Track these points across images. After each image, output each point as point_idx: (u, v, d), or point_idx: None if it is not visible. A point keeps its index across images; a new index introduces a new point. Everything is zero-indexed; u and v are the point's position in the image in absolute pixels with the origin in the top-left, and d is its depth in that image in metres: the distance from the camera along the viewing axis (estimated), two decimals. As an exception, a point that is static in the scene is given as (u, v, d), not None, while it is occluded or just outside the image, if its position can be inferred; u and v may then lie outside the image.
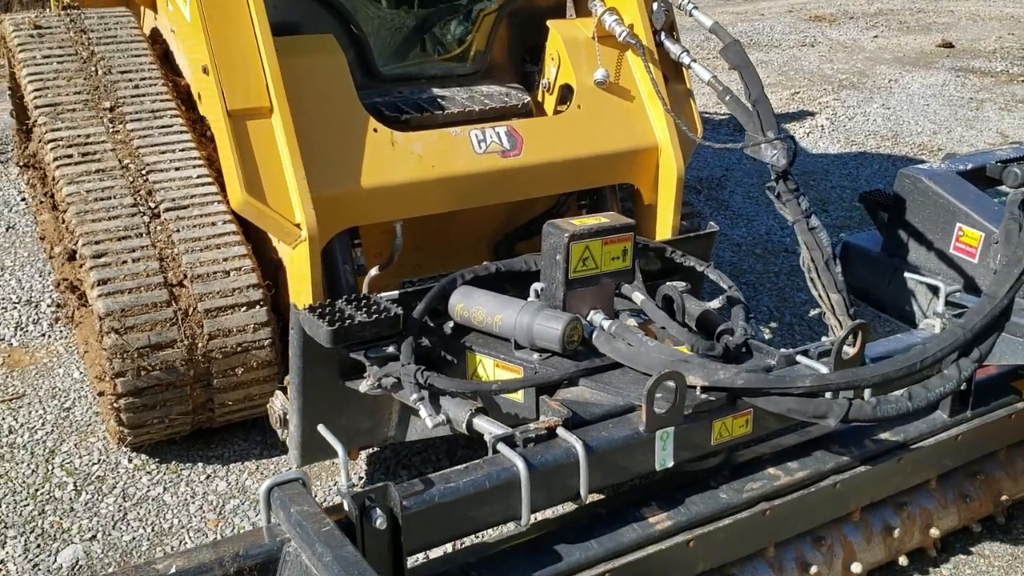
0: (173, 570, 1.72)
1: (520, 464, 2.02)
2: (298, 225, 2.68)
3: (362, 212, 2.85)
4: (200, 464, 3.21)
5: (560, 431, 2.17)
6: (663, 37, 3.33)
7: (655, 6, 3.31)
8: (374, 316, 2.45)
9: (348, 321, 2.41)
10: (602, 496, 2.49)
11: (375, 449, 3.23)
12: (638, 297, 2.69)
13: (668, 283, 2.84)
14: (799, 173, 6.13)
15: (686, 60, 3.29)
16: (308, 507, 1.82)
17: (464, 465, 2.07)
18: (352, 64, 3.20)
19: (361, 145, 2.83)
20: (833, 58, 9.04)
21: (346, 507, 1.86)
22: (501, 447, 2.09)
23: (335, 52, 2.91)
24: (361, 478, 3.17)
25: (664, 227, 3.36)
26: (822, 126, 7.06)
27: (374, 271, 3.09)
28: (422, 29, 3.50)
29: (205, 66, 2.70)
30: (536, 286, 2.68)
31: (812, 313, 4.52)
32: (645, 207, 3.41)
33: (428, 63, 3.44)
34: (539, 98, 3.50)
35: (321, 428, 2.03)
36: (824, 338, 2.71)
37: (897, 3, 11.94)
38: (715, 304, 3.18)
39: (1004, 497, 2.92)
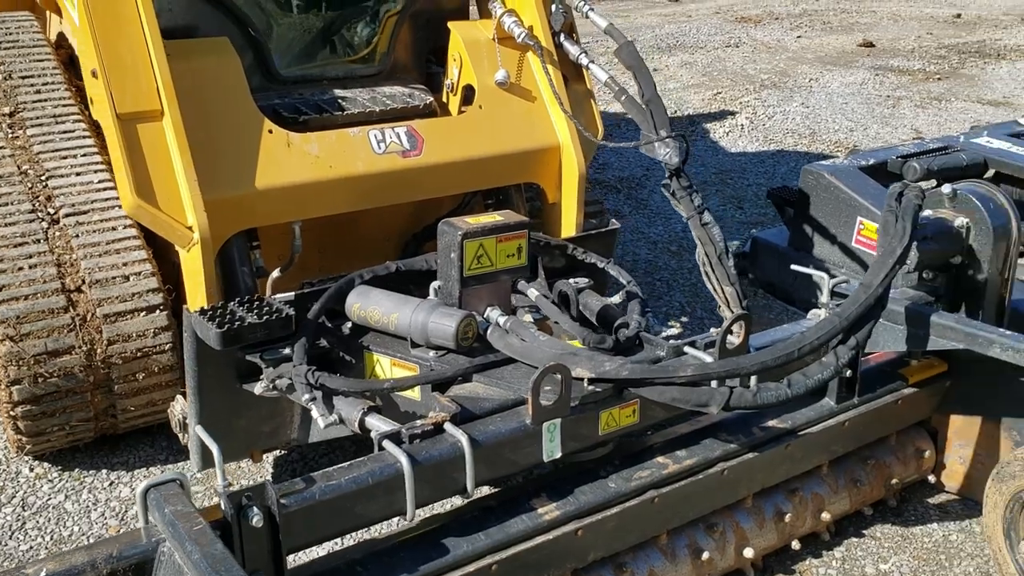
0: (43, 573, 1.72)
1: (404, 460, 2.05)
2: (190, 228, 2.68)
3: (257, 214, 2.85)
4: (104, 471, 3.18)
5: (447, 426, 2.19)
6: (562, 39, 3.38)
7: (553, 8, 3.36)
8: (265, 318, 2.46)
9: (238, 323, 2.41)
10: (496, 489, 2.52)
11: (282, 452, 3.23)
12: (533, 293, 2.73)
13: (568, 280, 2.89)
14: (717, 171, 6.26)
15: (584, 61, 3.35)
16: (182, 507, 1.83)
17: (348, 463, 2.09)
18: (250, 67, 3.20)
19: (255, 147, 2.83)
20: (756, 58, 9.22)
21: (222, 507, 1.86)
22: (386, 444, 2.11)
23: (229, 55, 2.91)
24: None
25: (568, 224, 3.41)
26: (742, 125, 7.20)
27: (276, 273, 3.10)
28: (326, 31, 3.51)
29: (94, 69, 2.69)
30: (435, 284, 2.71)
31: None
32: (550, 205, 3.46)
33: (330, 64, 3.45)
34: (444, 99, 3.52)
35: (199, 430, 2.03)
36: (712, 329, 2.78)
37: (822, 4, 12.22)
38: (616, 299, 3.24)
39: (895, 481, 3.02)
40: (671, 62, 8.91)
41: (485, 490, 2.51)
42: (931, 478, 3.14)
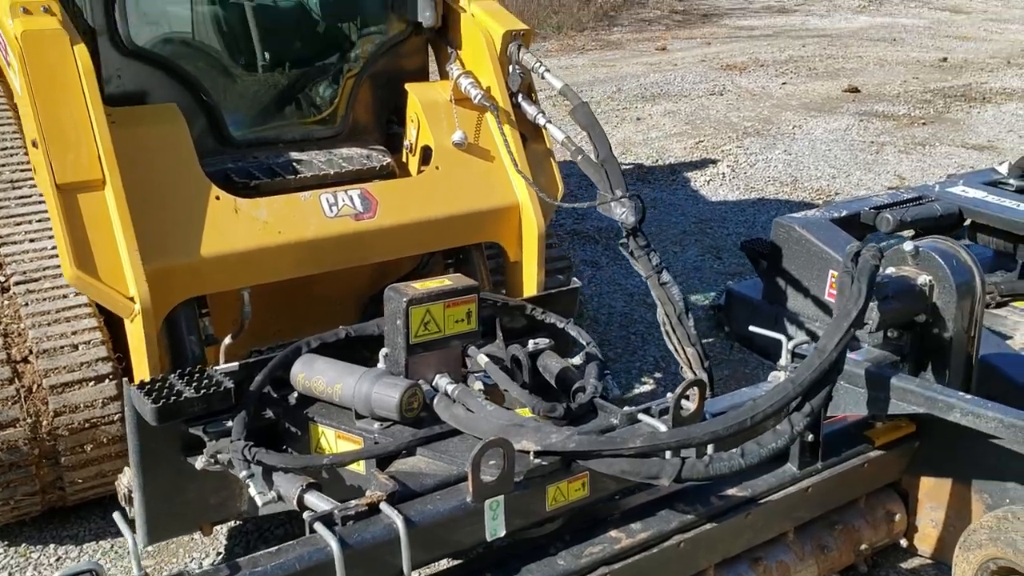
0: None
1: (334, 545, 1.97)
2: (132, 298, 2.62)
3: (203, 282, 2.80)
4: (52, 545, 3.09)
5: (383, 506, 2.12)
6: (520, 99, 3.36)
7: (511, 69, 3.33)
8: (203, 391, 2.39)
9: (175, 398, 2.35)
10: (439, 569, 2.43)
11: (236, 523, 3.14)
12: (482, 359, 2.66)
13: (528, 340, 2.83)
14: (697, 221, 6.22)
15: (541, 121, 3.32)
16: (94, 601, 1.75)
17: (277, 547, 2.01)
18: (203, 131, 3.18)
19: (201, 213, 2.79)
20: (740, 106, 9.24)
21: (136, 599, 1.79)
22: (317, 526, 2.04)
23: (175, 121, 2.88)
24: (220, 553, 3.08)
25: (530, 283, 3.36)
26: (723, 173, 7.18)
27: (228, 339, 3.04)
28: (284, 93, 3.50)
29: (35, 139, 2.65)
30: (383, 351, 2.65)
31: (699, 362, 4.54)
32: (511, 264, 3.41)
33: (287, 127, 3.43)
34: (404, 159, 3.49)
35: (116, 516, 1.96)
36: (669, 394, 2.71)
37: (808, 51, 12.29)
38: (576, 360, 3.17)
39: (864, 546, 2.93)
40: (655, 111, 8.93)
41: (427, 570, 2.42)
42: (903, 542, 3.05)
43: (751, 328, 2.91)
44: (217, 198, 2.85)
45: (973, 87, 10.48)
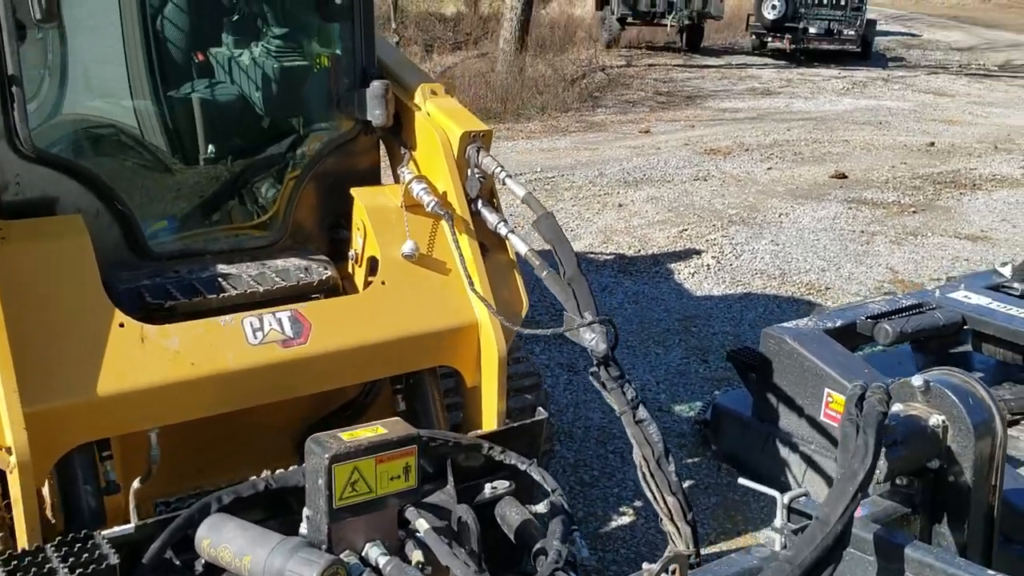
0: None
1: None
2: (9, 449, 2.21)
3: (99, 424, 2.40)
4: None
5: None
6: (480, 206, 3.01)
7: (470, 173, 2.99)
8: (78, 570, 1.98)
9: (42, 580, 1.93)
10: None
11: None
12: (422, 525, 2.26)
13: (466, 505, 2.45)
14: (681, 318, 5.86)
15: (503, 230, 2.96)
16: None
17: None
18: (116, 243, 2.81)
19: (101, 344, 2.40)
20: (725, 192, 8.98)
21: None
22: None
23: (76, 235, 2.51)
24: None
25: (489, 414, 2.96)
26: (708, 265, 6.86)
27: (136, 484, 2.61)
28: (216, 196, 3.14)
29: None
30: (306, 512, 2.25)
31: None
32: (469, 391, 3.02)
33: (216, 235, 3.06)
34: (350, 270, 3.13)
35: None
36: (645, 566, 2.30)
37: (793, 134, 12.13)
38: (540, 508, 2.77)
39: None
40: (637, 197, 8.66)
41: None
42: None
43: (740, 481, 2.51)
44: (121, 325, 2.46)
45: (962, 173, 10.28)
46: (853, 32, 20.67)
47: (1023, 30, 28.63)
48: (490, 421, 2.96)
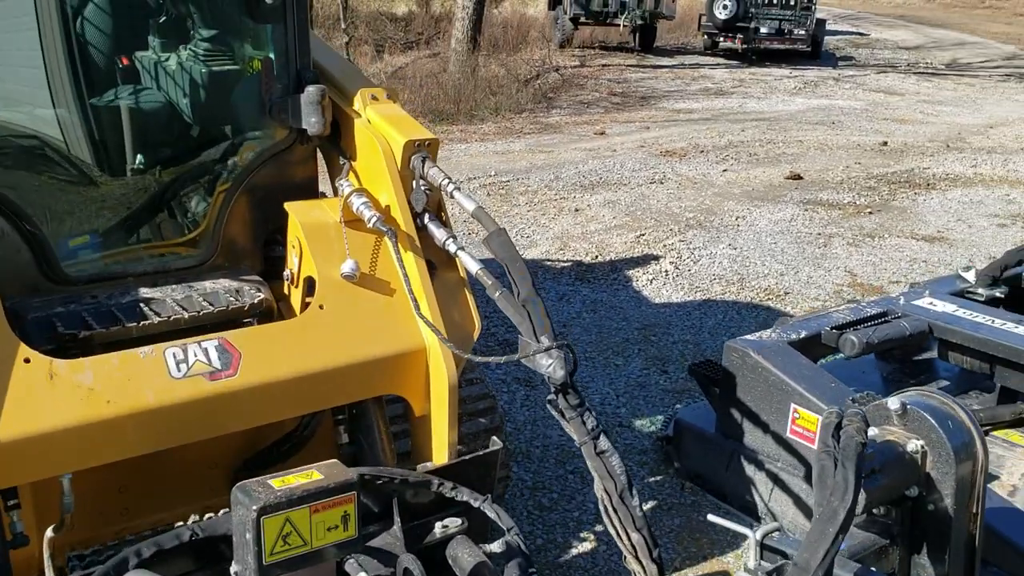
0: None
1: None
2: None
3: (1, 473, 2.15)
4: None
5: None
6: (427, 220, 2.80)
7: (415, 185, 2.79)
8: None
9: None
10: None
11: None
12: (362, 577, 2.05)
13: (411, 556, 2.24)
14: (640, 327, 5.70)
15: (452, 247, 2.75)
16: None
17: None
18: (25, 267, 2.56)
19: (3, 383, 2.15)
20: (682, 195, 8.86)
21: None
22: None
23: (-27, 262, 2.26)
24: None
25: (440, 446, 2.75)
26: (666, 271, 6.71)
27: (49, 534, 2.37)
28: (141, 211, 2.89)
29: None
30: (234, 568, 2.03)
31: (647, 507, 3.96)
32: (417, 420, 2.81)
33: (139, 256, 2.81)
34: (286, 291, 2.90)
35: None
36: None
37: (748, 135, 12.07)
38: (495, 548, 2.57)
39: None
40: (593, 201, 8.50)
41: None
42: None
43: (710, 517, 2.33)
44: (26, 360, 2.22)
45: (916, 172, 10.28)
46: (803, 31, 20.81)
47: (967, 29, 29.09)
48: (441, 452, 2.75)
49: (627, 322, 5.77)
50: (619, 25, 20.34)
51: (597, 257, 6.97)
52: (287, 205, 2.82)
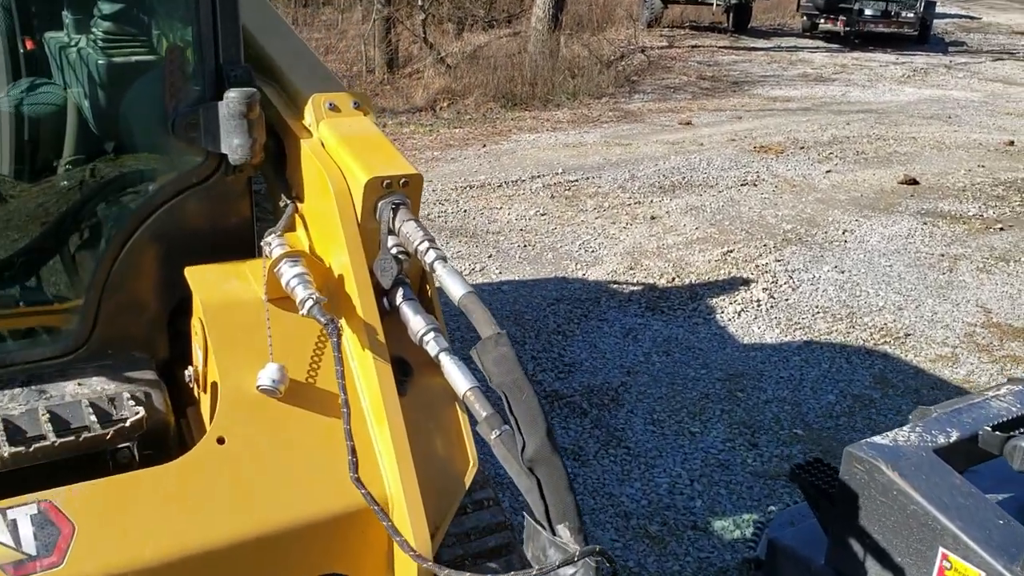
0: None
1: None
2: None
3: None
4: None
5: None
6: (399, 300, 1.80)
7: (384, 246, 1.80)
8: None
9: None
10: None
11: None
12: None
13: None
14: (724, 377, 4.63)
15: (433, 348, 1.75)
16: None
17: None
18: None
19: None
20: (778, 201, 7.68)
21: None
22: None
23: None
24: None
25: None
26: (758, 300, 5.59)
27: None
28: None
29: None
30: None
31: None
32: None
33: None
34: (196, 394, 1.96)
35: None
36: None
37: (853, 129, 10.75)
38: None
39: None
40: (673, 206, 7.39)
41: None
42: None
43: None
44: None
45: (1053, 179, 8.88)
46: (912, 14, 19.13)
47: (1094, 12, 26.72)
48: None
49: (707, 370, 4.71)
50: (711, 4, 18.99)
51: (674, 280, 5.89)
52: (188, 271, 1.87)
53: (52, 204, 2.05)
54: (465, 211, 7.04)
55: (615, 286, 5.72)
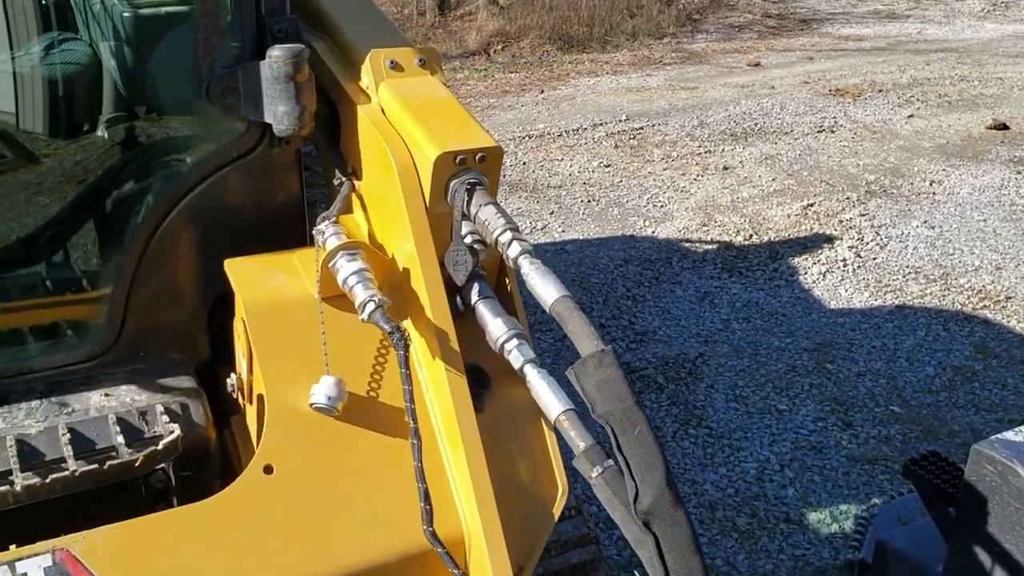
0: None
1: None
2: None
3: None
4: None
5: None
6: (476, 298, 1.51)
7: (456, 233, 1.50)
8: None
9: None
10: None
11: None
12: None
13: None
14: (811, 347, 4.28)
15: (516, 359, 1.45)
16: None
17: None
18: None
19: None
20: (859, 149, 7.20)
21: None
22: None
23: None
24: None
25: None
26: (844, 260, 5.20)
27: None
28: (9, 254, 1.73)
29: None
30: None
31: None
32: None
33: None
34: (241, 404, 1.70)
35: None
36: None
37: (934, 70, 10.11)
38: None
39: None
40: (746, 155, 6.96)
41: None
42: None
43: None
44: None
45: None
46: (994, -57, 18.00)
47: None
48: None
49: (792, 339, 4.36)
50: (777, -63, 18.07)
51: (751, 237, 5.51)
52: (228, 264, 1.59)
53: (73, 177, 1.79)
54: (524, 163, 6.70)
55: (687, 244, 5.36)
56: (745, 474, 3.38)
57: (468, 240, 1.50)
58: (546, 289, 1.37)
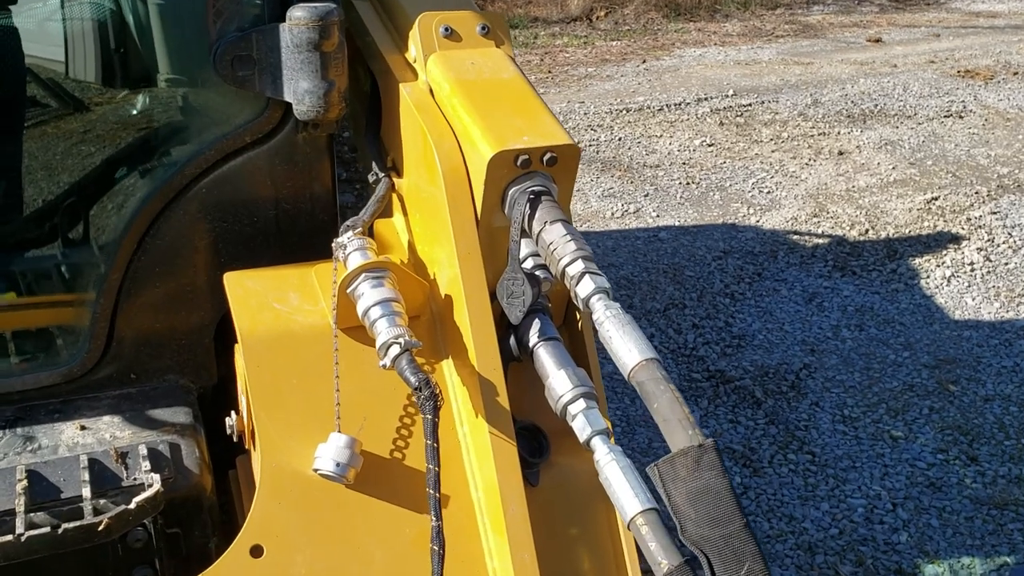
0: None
1: None
2: None
3: None
4: None
5: None
6: (533, 339, 1.16)
7: (511, 256, 1.14)
8: None
9: None
10: None
11: None
12: None
13: None
14: (932, 363, 3.80)
15: (584, 429, 1.10)
16: None
17: None
18: None
19: None
20: (990, 137, 6.54)
21: None
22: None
23: None
24: None
25: None
26: (972, 264, 4.65)
27: None
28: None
29: None
30: None
31: None
32: None
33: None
34: (247, 445, 1.40)
35: None
36: None
37: (1076, 51, 9.23)
38: None
39: None
40: (864, 140, 6.38)
41: None
42: None
43: None
44: None
45: None
46: None
47: None
48: None
49: (911, 352, 3.87)
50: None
51: (868, 232, 4.99)
52: (227, 279, 1.27)
53: (47, 163, 1.50)
54: (620, 139, 6.28)
55: (795, 237, 4.88)
56: (852, 512, 2.96)
57: (528, 265, 1.16)
58: (625, 347, 1.01)
